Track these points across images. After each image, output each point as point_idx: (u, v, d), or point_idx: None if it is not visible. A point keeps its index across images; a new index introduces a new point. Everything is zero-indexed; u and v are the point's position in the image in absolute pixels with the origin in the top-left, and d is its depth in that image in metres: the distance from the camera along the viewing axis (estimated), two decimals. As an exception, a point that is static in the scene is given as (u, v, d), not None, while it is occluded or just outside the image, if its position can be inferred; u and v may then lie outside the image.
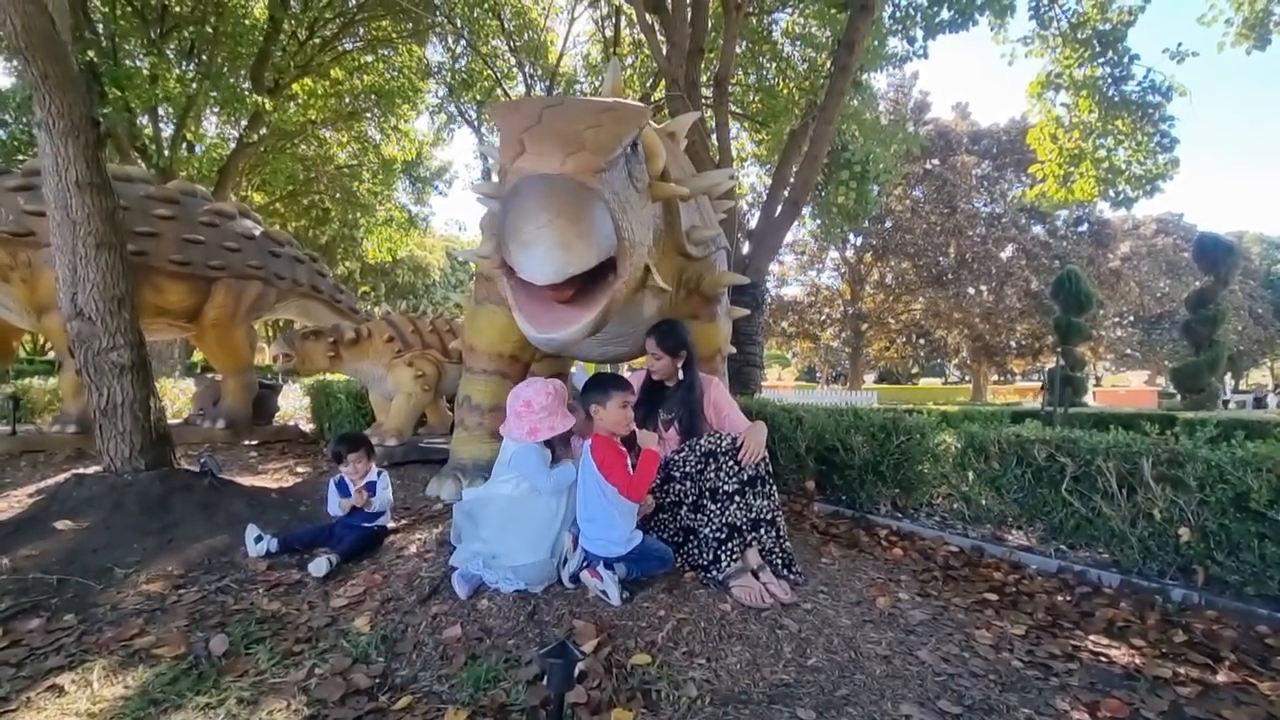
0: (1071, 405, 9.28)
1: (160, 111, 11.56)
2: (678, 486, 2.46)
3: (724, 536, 2.32)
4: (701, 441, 2.45)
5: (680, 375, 2.76)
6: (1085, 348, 16.83)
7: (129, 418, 3.09)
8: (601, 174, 2.02)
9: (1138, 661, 1.92)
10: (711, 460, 2.40)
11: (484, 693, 1.65)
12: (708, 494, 2.39)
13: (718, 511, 2.35)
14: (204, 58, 11.55)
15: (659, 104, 9.24)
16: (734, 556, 2.30)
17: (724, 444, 2.41)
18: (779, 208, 8.39)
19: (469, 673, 1.73)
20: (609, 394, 2.34)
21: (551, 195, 1.87)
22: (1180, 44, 8.61)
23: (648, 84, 12.45)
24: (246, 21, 11.45)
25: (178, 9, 11.14)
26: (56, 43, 2.92)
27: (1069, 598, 2.39)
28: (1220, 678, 1.83)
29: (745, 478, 2.37)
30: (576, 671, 1.54)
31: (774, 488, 2.44)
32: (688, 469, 2.44)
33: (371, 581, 2.34)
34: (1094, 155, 9.70)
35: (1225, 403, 14.21)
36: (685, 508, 2.46)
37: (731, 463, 2.38)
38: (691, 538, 2.44)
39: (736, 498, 2.35)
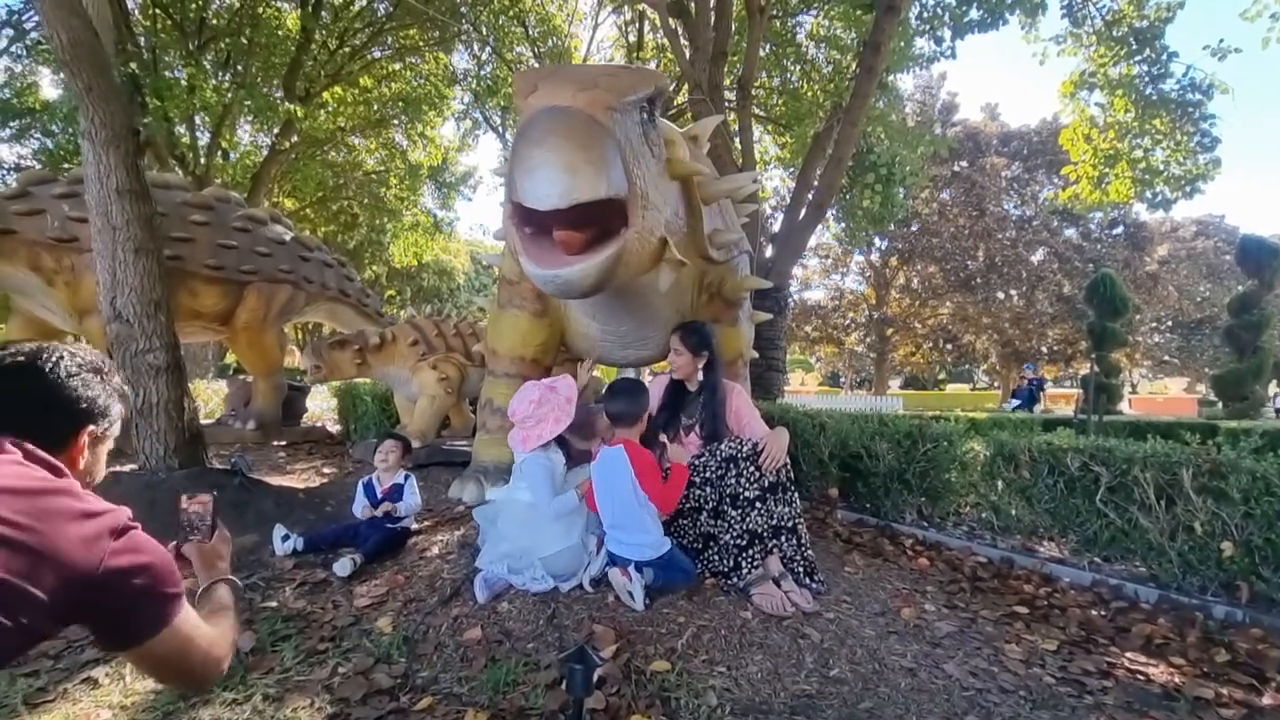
0: (1106, 413, 8.99)
1: (197, 120, 11.94)
2: (698, 492, 2.44)
3: (745, 543, 2.29)
4: (722, 446, 2.43)
5: (701, 378, 2.74)
6: (1121, 354, 16.35)
7: (163, 418, 3.18)
8: (614, 113, 1.97)
9: (1177, 681, 1.84)
10: (732, 466, 2.38)
11: (503, 696, 1.66)
12: (728, 500, 2.37)
13: (738, 518, 2.33)
14: (239, 68, 11.90)
15: (682, 108, 9.23)
16: (755, 564, 2.27)
17: (745, 449, 2.38)
18: (803, 211, 8.30)
19: (489, 675, 1.73)
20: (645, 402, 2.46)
21: (560, 121, 1.82)
22: (1222, 40, 8.29)
23: (671, 88, 12.47)
24: (280, 32, 11.76)
25: (215, 21, 11.50)
26: (100, 56, 3.03)
27: (1104, 612, 2.31)
28: (1266, 700, 1.75)
29: (766, 484, 2.35)
30: (596, 677, 1.54)
31: (796, 494, 2.41)
32: (708, 474, 2.42)
33: (394, 582, 2.37)
34: (1130, 156, 9.42)
35: (1279, 410, 13.57)
36: (705, 513, 2.44)
37: (752, 468, 2.35)
38: (712, 544, 2.42)
39: (758, 504, 2.33)
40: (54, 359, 1.04)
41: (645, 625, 2.01)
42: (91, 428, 1.07)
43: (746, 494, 2.34)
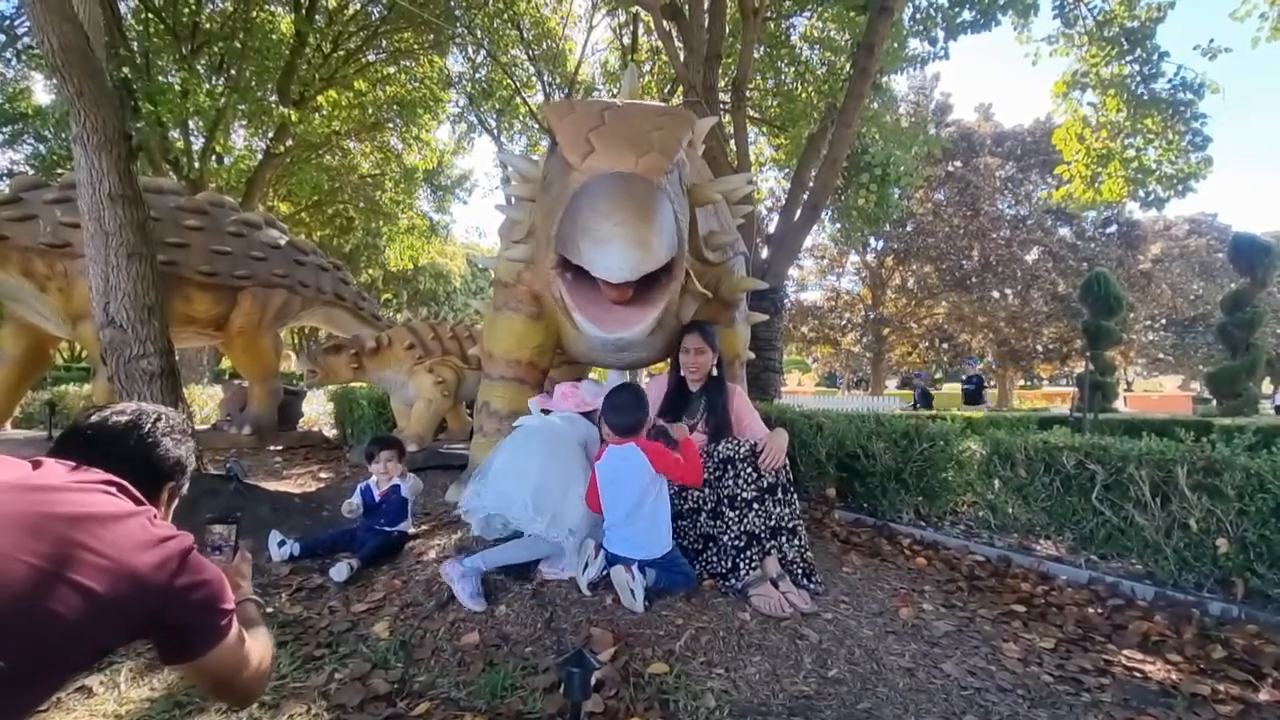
0: (1102, 411, 9.02)
1: (191, 125, 11.88)
2: (696, 493, 2.44)
3: (743, 544, 2.29)
4: (720, 447, 2.43)
5: (711, 375, 2.78)
6: (1115, 352, 16.39)
7: (158, 424, 3.16)
8: (668, 175, 2.09)
9: (1174, 678, 1.85)
10: (730, 466, 2.38)
11: (501, 700, 1.65)
12: (726, 501, 2.37)
13: (736, 519, 2.33)
14: (233, 72, 11.85)
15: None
16: (753, 565, 2.27)
17: (743, 450, 2.39)
18: (798, 212, 8.32)
19: (486, 680, 1.73)
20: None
21: (627, 194, 1.92)
22: (1212, 40, 8.34)
23: (665, 90, 12.48)
24: (274, 36, 11.74)
25: (208, 25, 11.46)
26: (91, 60, 3.02)
27: (1100, 610, 2.32)
28: (1263, 696, 1.75)
29: (765, 485, 2.35)
30: (594, 680, 1.53)
31: (794, 495, 2.41)
32: (706, 475, 2.42)
33: (391, 587, 2.36)
34: (1123, 155, 9.45)
35: (1278, 408, 13.64)
36: (704, 514, 2.44)
37: (750, 469, 2.35)
38: (710, 545, 2.42)
39: (755, 505, 2.33)
40: (153, 421, 1.18)
41: (643, 627, 2.01)
42: (172, 484, 1.21)
43: (744, 495, 2.34)
